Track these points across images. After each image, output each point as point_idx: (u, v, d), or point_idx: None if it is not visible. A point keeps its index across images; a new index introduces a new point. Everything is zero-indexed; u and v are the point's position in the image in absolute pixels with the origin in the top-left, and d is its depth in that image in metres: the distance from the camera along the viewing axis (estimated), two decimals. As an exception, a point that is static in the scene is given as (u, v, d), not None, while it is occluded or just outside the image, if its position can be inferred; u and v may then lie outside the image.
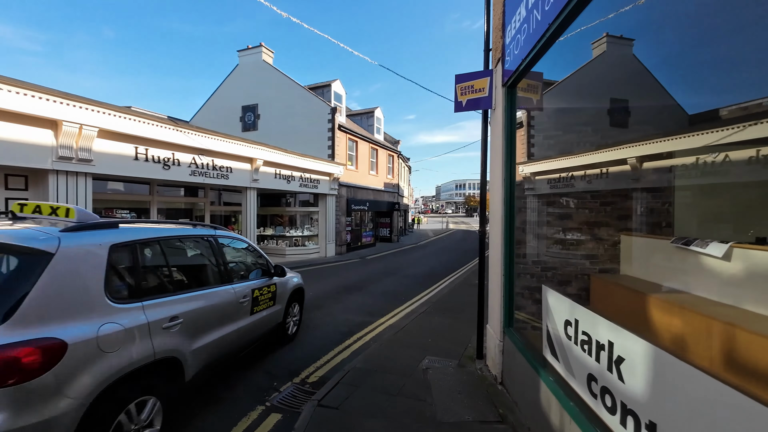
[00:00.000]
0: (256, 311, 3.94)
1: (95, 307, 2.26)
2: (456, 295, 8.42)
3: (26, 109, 6.80)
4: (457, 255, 18.06)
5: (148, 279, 2.78)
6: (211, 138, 10.61)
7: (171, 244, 3.17)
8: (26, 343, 1.83)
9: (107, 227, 2.60)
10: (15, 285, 2.01)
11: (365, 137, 20.76)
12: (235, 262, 3.99)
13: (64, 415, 1.92)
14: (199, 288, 3.23)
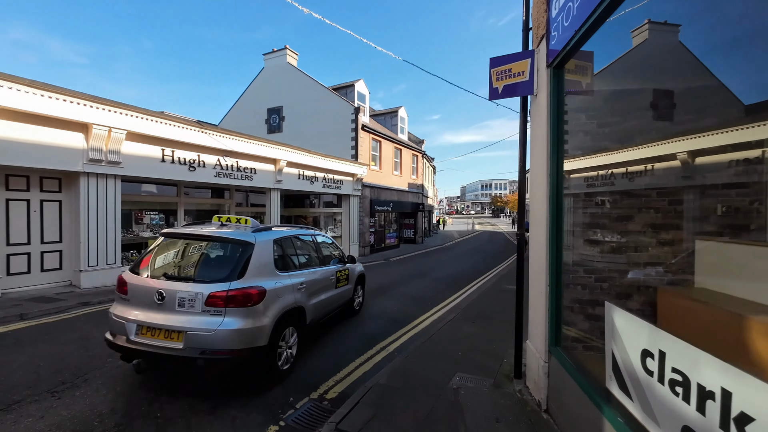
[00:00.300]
0: (338, 286, 5.61)
1: (272, 273, 3.98)
2: (486, 301, 7.87)
3: (58, 113, 6.96)
4: (485, 257, 17.33)
5: (291, 259, 4.57)
6: (235, 139, 10.63)
7: (296, 240, 4.96)
8: (252, 288, 3.55)
9: (267, 230, 4.33)
10: (239, 261, 3.68)
11: (389, 137, 20.43)
12: (326, 252, 5.70)
13: (266, 325, 3.61)
14: (311, 267, 4.94)
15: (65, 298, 6.78)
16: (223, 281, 3.48)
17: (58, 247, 7.77)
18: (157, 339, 3.34)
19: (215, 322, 3.31)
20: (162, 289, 3.44)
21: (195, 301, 3.35)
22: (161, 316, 3.39)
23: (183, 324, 3.30)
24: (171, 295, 3.40)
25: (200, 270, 3.81)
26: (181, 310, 3.36)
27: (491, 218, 78.05)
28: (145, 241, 10.06)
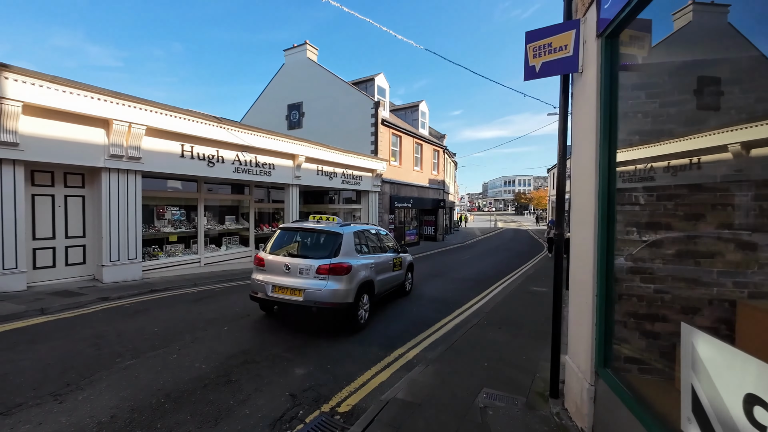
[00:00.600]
0: (394, 270, 7.07)
1: (354, 255, 5.58)
2: (512, 304, 7.37)
3: (79, 109, 6.99)
4: (509, 256, 16.63)
5: (364, 246, 6.13)
6: (253, 134, 10.52)
7: (367, 233, 6.57)
8: (344, 263, 5.15)
9: (348, 225, 6.04)
10: (333, 246, 5.34)
11: (409, 132, 19.95)
12: (386, 243, 7.28)
13: (352, 288, 5.14)
14: (376, 253, 6.50)
15: (86, 293, 6.84)
16: (326, 258, 5.27)
17: (81, 242, 7.89)
18: (285, 294, 5.17)
19: (322, 284, 5.08)
20: (288, 263, 5.31)
21: (310, 270, 5.18)
22: (288, 280, 5.21)
23: (302, 284, 5.10)
24: (294, 266, 5.25)
25: (311, 250, 5.69)
26: (301, 276, 5.20)
27: (514, 215, 75.85)
28: (166, 236, 10.16)
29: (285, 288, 5.18)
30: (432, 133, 26.79)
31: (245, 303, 6.81)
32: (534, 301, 7.64)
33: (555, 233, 3.27)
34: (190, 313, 6.03)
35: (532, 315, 6.53)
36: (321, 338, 5.05)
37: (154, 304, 6.56)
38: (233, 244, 12.41)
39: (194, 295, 7.40)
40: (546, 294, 8.43)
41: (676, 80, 2.39)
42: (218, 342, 4.71)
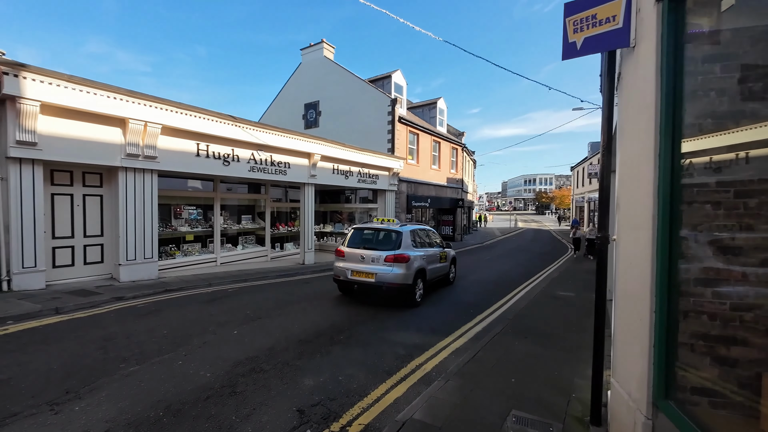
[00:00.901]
0: (441, 262, 8.32)
1: (411, 248, 7.03)
2: (538, 310, 6.88)
3: (95, 108, 6.99)
4: (531, 258, 15.93)
5: (417, 241, 7.44)
6: (268, 133, 10.39)
7: (420, 231, 7.90)
8: (405, 254, 6.71)
9: (405, 225, 7.54)
10: (396, 241, 6.92)
11: (427, 129, 19.50)
12: (434, 239, 8.53)
13: (411, 273, 6.66)
14: (426, 247, 7.76)
15: (102, 293, 6.83)
16: (391, 250, 6.79)
17: (99, 241, 7.94)
18: (361, 277, 6.78)
19: (389, 270, 6.60)
20: (362, 254, 6.92)
21: (379, 259, 6.73)
22: (363, 266, 6.82)
23: (374, 270, 6.67)
24: (367, 256, 6.85)
25: (379, 244, 7.20)
26: (373, 263, 6.77)
27: (535, 215, 73.77)
28: (182, 236, 10.17)
29: (361, 272, 6.83)
30: (450, 130, 26.21)
31: (256, 304, 6.62)
32: (562, 308, 7.11)
33: (599, 236, 2.83)
34: (202, 315, 5.88)
35: (560, 323, 6.04)
36: (332, 347, 4.78)
37: (167, 305, 6.47)
38: (249, 244, 12.36)
39: (208, 296, 7.29)
40: (574, 300, 7.87)
41: (761, 48, 1.93)
42: (226, 347, 4.50)
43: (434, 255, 8.02)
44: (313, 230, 12.50)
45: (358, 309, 6.60)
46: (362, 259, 6.87)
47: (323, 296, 7.55)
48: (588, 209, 32.50)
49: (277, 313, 6.12)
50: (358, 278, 6.82)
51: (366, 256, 6.86)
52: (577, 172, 37.70)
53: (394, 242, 6.99)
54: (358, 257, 6.94)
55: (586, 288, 9.21)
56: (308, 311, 6.34)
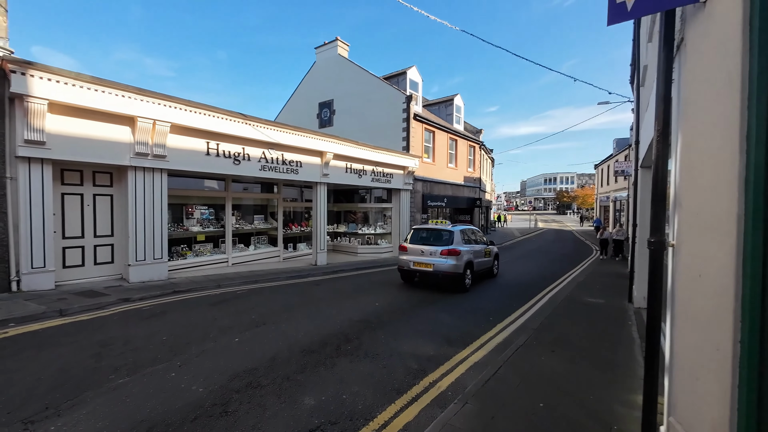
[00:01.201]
0: (485, 257, 9.66)
1: (461, 244, 8.51)
2: (565, 319, 6.30)
3: (104, 106, 6.88)
4: (553, 260, 15.15)
5: (466, 239, 8.90)
6: (279, 131, 10.16)
7: (467, 230, 9.35)
8: (456, 248, 8.23)
9: (456, 225, 9.13)
10: (449, 238, 8.43)
11: (443, 127, 18.94)
12: (480, 238, 9.94)
13: (462, 264, 8.15)
14: (473, 244, 9.09)
15: (110, 293, 6.71)
16: (445, 245, 8.19)
17: (110, 241, 7.87)
18: (421, 267, 8.28)
19: (444, 261, 7.99)
20: (422, 248, 8.41)
21: (436, 253, 8.14)
22: (423, 258, 8.30)
23: (432, 261, 8.12)
24: (426, 250, 8.32)
25: (435, 241, 8.51)
26: (431, 256, 8.21)
27: (556, 215, 71.49)
28: (194, 236, 10.06)
29: (421, 263, 8.37)
30: (467, 128, 25.50)
31: (263, 308, 6.34)
32: (591, 317, 6.50)
33: (651, 240, 2.32)
34: (206, 319, 5.63)
35: (591, 334, 5.46)
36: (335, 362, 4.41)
37: (173, 307, 6.27)
38: (262, 244, 12.20)
39: (215, 298, 7.07)
40: (604, 307, 7.23)
41: None
42: (225, 356, 4.20)
43: (480, 251, 9.46)
44: (325, 230, 12.22)
45: (368, 315, 6.21)
46: (422, 253, 8.50)
47: (332, 300, 7.20)
48: (613, 209, 31.01)
49: (283, 318, 5.81)
50: (419, 268, 8.46)
51: (425, 250, 8.48)
52: (601, 170, 36.11)
53: (447, 239, 8.51)
54: (418, 251, 8.57)
55: (615, 293, 8.51)
56: (315, 316, 6.00)
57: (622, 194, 27.83)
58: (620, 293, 8.54)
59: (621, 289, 8.96)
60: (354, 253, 14.71)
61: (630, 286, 7.84)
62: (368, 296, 7.67)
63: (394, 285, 9.03)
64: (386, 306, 6.85)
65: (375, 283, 9.23)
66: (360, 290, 8.29)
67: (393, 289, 8.46)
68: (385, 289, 8.43)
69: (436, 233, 8.79)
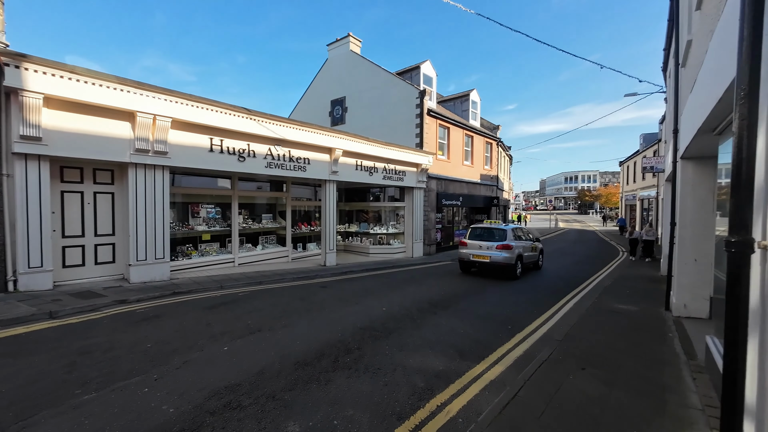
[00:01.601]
0: (532, 251, 11.31)
1: (513, 240, 10.28)
2: (594, 328, 5.61)
3: (102, 101, 6.65)
4: (576, 261, 14.23)
5: (516, 235, 10.63)
6: (286, 126, 9.79)
7: (516, 228, 11.08)
8: (509, 244, 9.97)
9: (508, 224, 11.90)
10: (502, 235, 10.22)
11: (458, 123, 18.22)
12: (528, 235, 11.67)
13: (514, 257, 9.88)
14: (522, 240, 10.77)
15: (107, 294, 6.47)
16: (499, 241, 9.81)
17: (111, 240, 7.67)
18: (479, 258, 9.98)
19: (499, 254, 9.64)
20: (480, 243, 10.07)
21: (492, 247, 9.79)
22: (481, 251, 9.96)
23: (489, 254, 9.79)
24: (483, 245, 10.01)
25: (491, 237, 10.08)
26: (487, 250, 9.87)
27: (577, 215, 68.96)
28: (199, 235, 9.83)
29: (479, 255, 10.05)
30: (484, 124, 24.65)
31: (261, 312, 5.93)
32: (624, 327, 5.78)
33: (732, 240, 1.70)
34: (199, 324, 5.26)
35: (626, 349, 4.77)
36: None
37: (168, 310, 5.95)
38: (270, 244, 11.90)
39: (215, 300, 6.74)
40: (637, 315, 6.48)
41: None
42: (208, 369, 3.78)
43: (527, 246, 11.06)
44: (335, 230, 11.79)
45: (373, 321, 5.71)
46: (480, 247, 10.17)
47: (336, 304, 6.74)
48: (641, 208, 29.40)
49: (281, 324, 5.38)
50: (477, 259, 10.17)
51: (482, 245, 10.15)
52: (626, 168, 34.38)
53: (501, 236, 10.19)
54: (477, 246, 10.27)
55: (648, 300, 7.71)
56: (316, 322, 5.54)
57: (649, 192, 26.27)
58: (654, 299, 7.72)
59: (655, 295, 8.13)
60: (366, 254, 14.25)
61: (667, 292, 7.02)
62: (376, 300, 7.17)
63: (404, 288, 8.49)
64: (394, 311, 6.33)
65: (384, 286, 8.72)
66: (368, 293, 7.79)
67: (403, 293, 7.92)
68: (395, 293, 7.90)
69: (491, 231, 10.47)
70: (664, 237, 11.79)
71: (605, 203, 59.37)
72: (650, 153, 25.99)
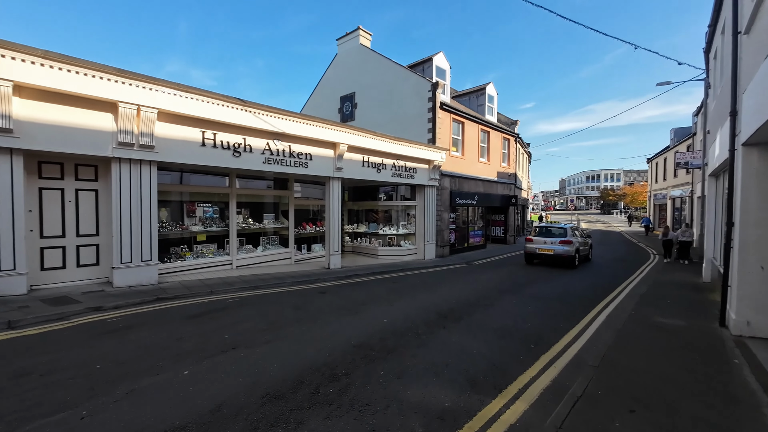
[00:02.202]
0: (585, 245, 13.70)
1: (573, 236, 12.73)
2: (635, 350, 4.63)
3: (79, 89, 6.10)
4: (604, 265, 12.99)
5: (574, 233, 13.05)
6: (285, 119, 9.11)
7: (575, 227, 13.93)
8: (570, 239, 12.29)
9: (567, 224, 13.77)
10: (564, 233, 12.66)
11: (474, 117, 17.20)
12: (582, 233, 14.52)
13: (573, 249, 12.11)
14: (578, 237, 13.33)
15: (81, 301, 5.92)
16: (561, 237, 12.30)
17: (94, 241, 7.17)
18: (544, 251, 12.31)
19: (561, 247, 12.05)
20: (545, 240, 12.46)
21: (555, 242, 12.24)
22: (545, 246, 12.34)
23: (552, 247, 12.19)
24: (548, 240, 12.40)
25: (554, 234, 12.61)
26: (552, 244, 12.24)
27: (600, 215, 66.03)
28: (194, 235, 9.28)
29: (544, 249, 12.24)
30: (501, 119, 23.47)
31: (245, 325, 5.22)
32: (673, 348, 4.76)
33: None
34: (169, 338, 4.60)
35: (682, 380, 3.79)
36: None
37: (144, 320, 5.33)
38: (272, 245, 11.28)
39: (201, 307, 6.10)
40: (687, 333, 5.43)
41: None
42: (154, 403, 3.06)
43: (583, 242, 13.40)
44: (339, 230, 11.05)
45: (371, 337, 4.91)
46: (545, 242, 12.40)
47: (332, 313, 5.97)
48: (672, 207, 27.45)
49: (263, 340, 4.65)
50: (542, 252, 12.36)
51: (547, 240, 12.39)
52: (655, 165, 32.31)
53: (562, 233, 12.55)
54: (542, 241, 12.50)
55: (695, 312, 6.61)
56: (304, 337, 4.79)
57: (681, 191, 24.40)
58: (702, 312, 6.62)
59: (702, 307, 7.02)
60: (375, 256, 13.47)
61: (723, 305, 5.90)
62: (378, 309, 6.37)
63: (412, 295, 7.65)
64: (397, 324, 5.51)
65: (391, 292, 7.91)
66: (370, 301, 7.00)
67: (410, 300, 7.09)
68: (401, 300, 7.08)
69: (553, 229, 13.00)
70: (707, 239, 10.49)
71: (630, 203, 56.55)
72: (683, 148, 24.16)
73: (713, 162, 9.08)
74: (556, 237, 12.39)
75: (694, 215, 20.79)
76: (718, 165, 8.10)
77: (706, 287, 9.12)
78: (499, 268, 12.13)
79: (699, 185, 17.59)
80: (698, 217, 17.93)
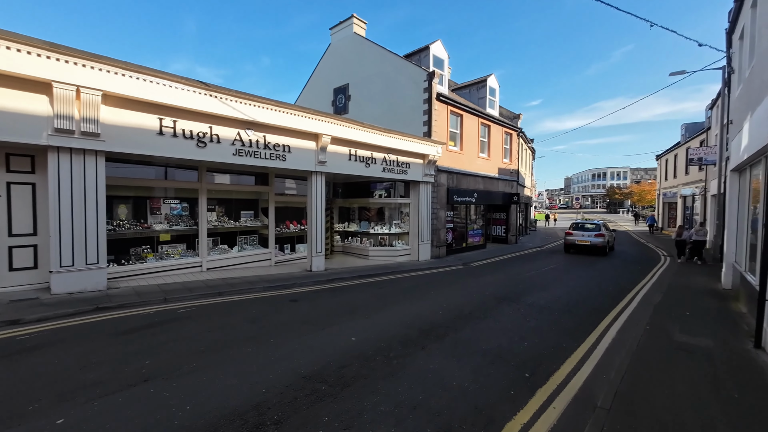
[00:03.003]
0: (612, 238, 17.29)
1: (604, 231, 16.25)
2: (656, 380, 3.68)
3: (7, 67, 5.24)
4: (611, 267, 11.96)
5: (604, 229, 16.44)
6: (257, 106, 8.20)
7: (604, 224, 17.25)
8: (603, 233, 15.82)
9: (598, 221, 17.54)
10: (597, 228, 16.14)
11: (473, 110, 16.18)
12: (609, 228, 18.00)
13: (605, 240, 15.50)
14: (607, 231, 16.93)
15: (1, 312, 5.07)
16: (596, 231, 15.76)
17: (32, 241, 6.33)
18: (582, 242, 15.64)
19: (597, 239, 15.41)
20: (582, 233, 15.92)
21: (591, 235, 15.62)
22: (582, 238, 15.70)
23: (589, 239, 15.52)
24: (584, 234, 15.86)
25: (589, 228, 16.08)
26: (588, 237, 15.61)
27: (606, 213, 64.52)
28: (156, 235, 8.41)
29: (582, 240, 15.47)
30: (503, 113, 22.38)
31: (185, 343, 4.33)
32: (703, 379, 3.80)
33: None
34: (76, 364, 3.72)
35: (722, 425, 2.84)
36: None
37: (62, 336, 4.47)
38: (250, 245, 10.41)
39: (144, 319, 5.24)
40: (716, 356, 4.46)
41: None
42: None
43: (610, 235, 16.79)
44: (323, 230, 10.14)
45: (329, 363, 3.99)
46: (582, 235, 15.55)
47: (293, 329, 5.06)
48: (682, 206, 26.23)
49: (190, 367, 3.75)
50: (581, 243, 15.43)
51: (584, 234, 15.61)
52: (665, 162, 31.03)
53: (596, 228, 15.79)
54: (580, 234, 15.66)
55: (721, 326, 5.64)
56: (244, 364, 3.88)
57: (692, 189, 23.20)
58: (728, 326, 5.67)
59: (726, 318, 6.08)
60: (365, 257, 12.57)
61: (758, 324, 4.92)
62: (350, 322, 5.46)
63: (396, 303, 6.73)
64: (367, 343, 4.59)
65: (373, 299, 7.01)
66: (345, 312, 6.10)
67: (391, 310, 6.17)
68: (381, 311, 6.16)
69: (588, 224, 16.23)
70: (728, 241, 9.44)
71: (638, 201, 55.10)
72: (696, 143, 22.94)
73: (738, 155, 8.03)
74: (591, 231, 15.68)
75: (708, 214, 19.63)
76: (746, 157, 7.07)
77: (728, 295, 8.13)
78: (499, 270, 11.16)
79: (714, 182, 16.46)
80: (712, 217, 16.82)
